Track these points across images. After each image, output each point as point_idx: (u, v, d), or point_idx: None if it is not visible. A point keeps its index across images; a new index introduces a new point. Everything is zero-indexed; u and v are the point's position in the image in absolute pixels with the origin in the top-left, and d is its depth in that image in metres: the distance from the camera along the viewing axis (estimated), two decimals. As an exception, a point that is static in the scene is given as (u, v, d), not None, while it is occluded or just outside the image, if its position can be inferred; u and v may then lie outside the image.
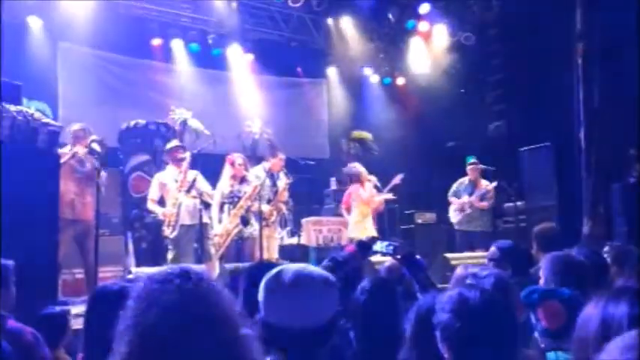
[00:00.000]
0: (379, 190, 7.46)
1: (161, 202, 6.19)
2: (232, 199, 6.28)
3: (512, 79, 9.60)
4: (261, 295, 1.62)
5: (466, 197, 7.58)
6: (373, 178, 7.54)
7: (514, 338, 1.62)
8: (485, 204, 7.54)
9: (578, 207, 7.35)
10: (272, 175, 6.67)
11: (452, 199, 7.67)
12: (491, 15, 9.82)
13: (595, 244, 6.21)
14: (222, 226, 6.27)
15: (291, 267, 1.67)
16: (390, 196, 7.53)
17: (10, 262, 2.71)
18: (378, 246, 2.79)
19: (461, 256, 6.57)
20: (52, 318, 2.80)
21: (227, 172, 6.45)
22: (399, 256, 2.75)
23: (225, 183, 6.39)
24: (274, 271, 1.65)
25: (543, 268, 2.80)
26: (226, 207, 6.30)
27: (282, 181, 6.71)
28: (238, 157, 6.54)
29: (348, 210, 7.47)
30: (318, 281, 1.60)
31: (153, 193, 6.24)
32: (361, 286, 2.44)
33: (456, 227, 7.66)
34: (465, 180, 7.73)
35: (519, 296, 2.35)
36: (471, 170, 7.68)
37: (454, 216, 7.61)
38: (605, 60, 7.05)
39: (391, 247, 2.76)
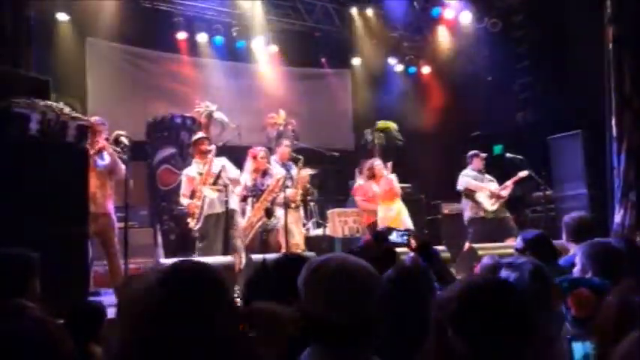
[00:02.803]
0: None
1: (192, 196, 6.24)
2: (255, 192, 6.33)
3: (539, 66, 9.43)
4: (302, 285, 1.58)
5: (492, 185, 7.44)
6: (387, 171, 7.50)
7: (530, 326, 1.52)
8: (506, 193, 7.43)
9: (609, 195, 7.20)
10: (284, 165, 6.70)
11: (477, 184, 7.43)
12: (517, 1, 9.65)
13: (627, 233, 6.12)
14: (245, 219, 6.31)
15: (335, 257, 1.65)
16: None
17: (35, 254, 2.77)
18: (394, 236, 2.79)
19: (488, 246, 6.50)
20: (90, 310, 2.82)
21: (250, 165, 6.48)
22: (414, 246, 2.74)
23: (248, 176, 6.43)
24: (318, 260, 1.63)
25: (579, 256, 2.76)
26: (250, 199, 6.34)
27: (295, 168, 6.74)
28: (261, 150, 6.57)
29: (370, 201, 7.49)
30: (362, 273, 1.57)
31: (184, 189, 6.28)
32: (386, 276, 2.44)
33: (490, 216, 7.41)
34: (469, 171, 7.54)
35: (555, 284, 2.31)
36: (478, 161, 7.52)
37: (490, 204, 7.37)
38: (636, 44, 6.87)
39: (405, 237, 2.75)
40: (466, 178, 7.45)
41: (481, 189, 7.37)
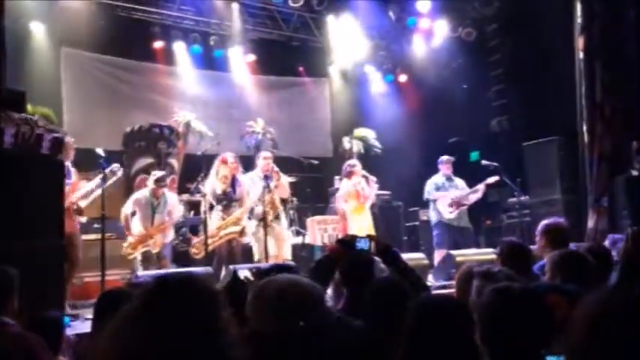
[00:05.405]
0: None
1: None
2: (225, 201, 6.35)
3: (513, 73, 9.60)
4: (248, 308, 1.68)
5: (454, 192, 7.51)
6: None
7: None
8: (475, 198, 7.52)
9: (582, 201, 7.35)
10: (265, 177, 6.59)
11: (439, 194, 7.52)
12: (491, 10, 9.82)
13: (599, 238, 6.24)
14: (212, 227, 6.25)
15: (274, 279, 1.76)
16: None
17: (15, 271, 2.73)
18: (361, 243, 2.94)
19: (466, 252, 6.58)
20: (47, 323, 2.79)
21: (219, 170, 6.45)
22: (376, 250, 2.88)
23: (217, 182, 6.40)
24: (260, 284, 1.74)
25: (548, 264, 2.81)
26: (218, 207, 6.34)
27: (274, 180, 6.64)
28: (230, 157, 6.58)
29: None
30: (300, 289, 1.68)
31: (127, 208, 6.43)
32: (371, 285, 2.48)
33: (453, 224, 7.49)
34: (439, 177, 7.63)
35: None
36: (446, 166, 7.62)
37: (448, 212, 7.46)
38: (606, 53, 7.04)
39: (367, 244, 2.92)
40: (429, 188, 7.58)
41: (443, 196, 7.48)
